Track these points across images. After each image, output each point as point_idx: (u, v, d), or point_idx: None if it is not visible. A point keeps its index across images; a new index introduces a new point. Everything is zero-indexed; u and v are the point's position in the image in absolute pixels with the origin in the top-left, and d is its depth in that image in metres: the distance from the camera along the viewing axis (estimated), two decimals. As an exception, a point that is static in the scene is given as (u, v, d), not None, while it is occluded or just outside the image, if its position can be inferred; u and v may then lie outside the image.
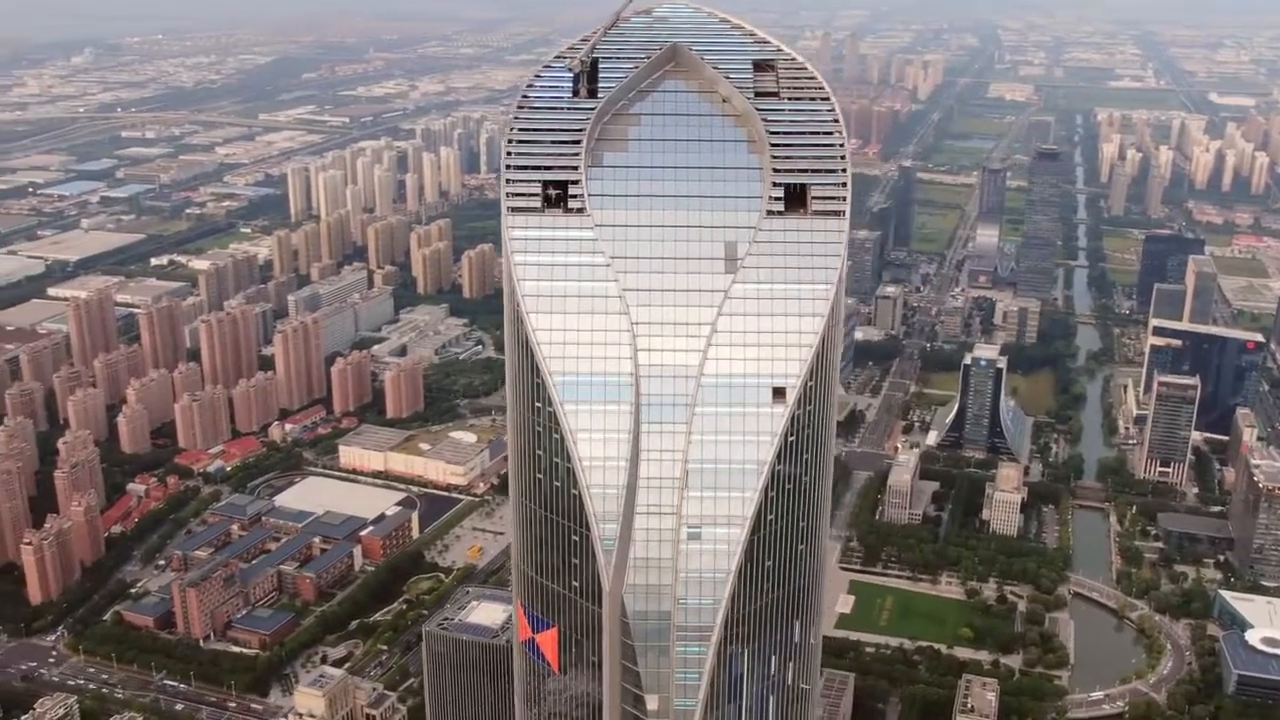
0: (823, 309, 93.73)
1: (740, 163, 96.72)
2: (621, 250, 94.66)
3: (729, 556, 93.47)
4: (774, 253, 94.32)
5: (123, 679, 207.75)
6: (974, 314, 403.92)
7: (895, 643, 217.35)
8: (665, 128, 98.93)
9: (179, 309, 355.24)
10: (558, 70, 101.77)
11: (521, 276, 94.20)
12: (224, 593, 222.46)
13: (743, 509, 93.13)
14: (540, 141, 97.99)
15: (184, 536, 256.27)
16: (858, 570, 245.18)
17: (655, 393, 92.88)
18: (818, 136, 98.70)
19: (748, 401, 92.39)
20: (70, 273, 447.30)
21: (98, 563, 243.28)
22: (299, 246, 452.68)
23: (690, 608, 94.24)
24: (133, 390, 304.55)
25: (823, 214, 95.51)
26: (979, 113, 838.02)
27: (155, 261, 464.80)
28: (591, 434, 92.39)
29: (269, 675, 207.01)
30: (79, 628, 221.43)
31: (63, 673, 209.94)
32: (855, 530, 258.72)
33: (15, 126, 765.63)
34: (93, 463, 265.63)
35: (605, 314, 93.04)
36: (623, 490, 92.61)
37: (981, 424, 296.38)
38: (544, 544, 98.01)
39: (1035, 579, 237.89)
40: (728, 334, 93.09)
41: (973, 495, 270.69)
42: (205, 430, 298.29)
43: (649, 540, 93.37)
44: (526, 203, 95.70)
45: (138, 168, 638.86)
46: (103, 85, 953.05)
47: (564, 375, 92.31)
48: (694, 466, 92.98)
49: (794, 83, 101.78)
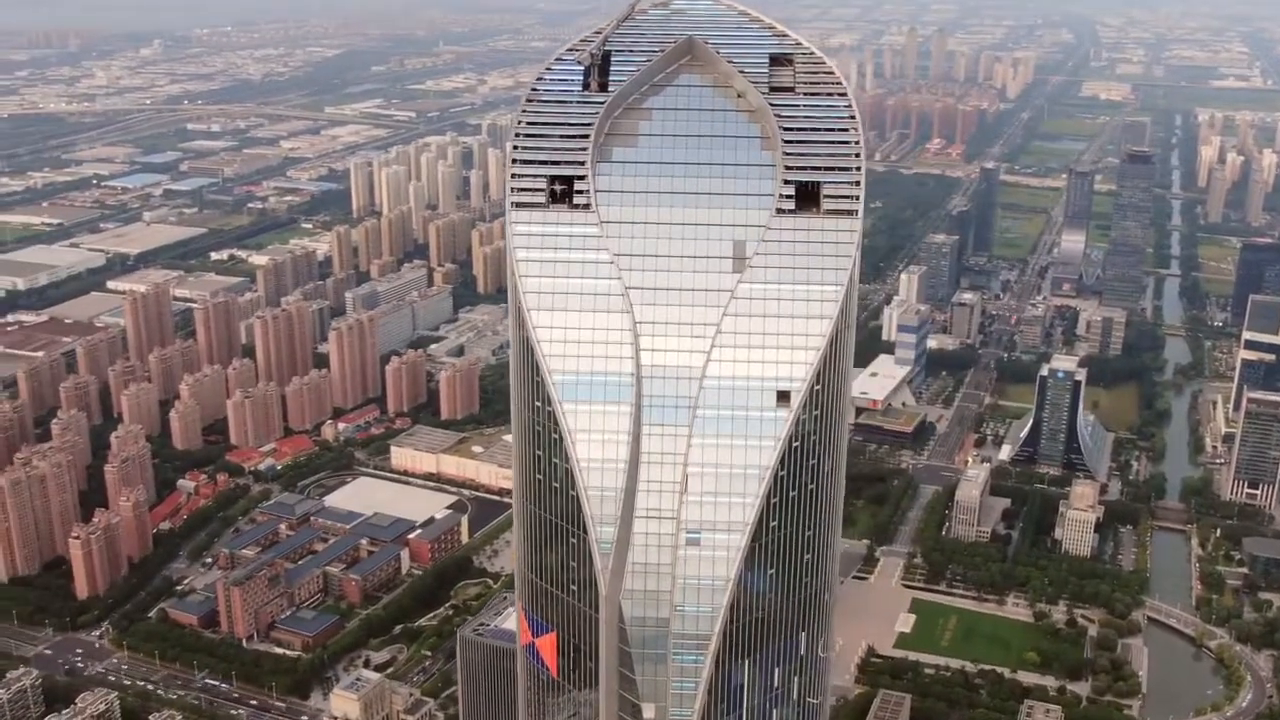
0: (831, 311, 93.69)
1: (753, 160, 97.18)
2: (627, 248, 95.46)
3: (728, 563, 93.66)
4: (783, 252, 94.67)
5: (165, 677, 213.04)
6: (1056, 323, 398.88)
7: (956, 665, 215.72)
8: (677, 123, 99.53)
9: (235, 305, 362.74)
10: (569, 64, 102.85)
11: (524, 273, 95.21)
12: (268, 593, 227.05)
13: (743, 515, 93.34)
14: (548, 136, 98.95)
15: (232, 535, 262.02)
16: (920, 588, 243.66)
17: (657, 394, 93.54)
18: (833, 133, 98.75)
19: (751, 405, 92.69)
20: (130, 266, 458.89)
21: (145, 559, 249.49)
22: (359, 243, 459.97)
23: (688, 615, 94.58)
24: (186, 386, 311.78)
25: (835, 213, 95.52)
26: (1071, 113, 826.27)
27: (215, 256, 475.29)
28: (590, 435, 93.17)
29: (311, 678, 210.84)
30: (124, 624, 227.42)
31: (106, 668, 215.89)
32: (920, 546, 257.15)
33: (83, 118, 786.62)
34: (143, 458, 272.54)
35: (607, 312, 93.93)
36: (621, 493, 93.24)
37: (1057, 439, 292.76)
38: (543, 546, 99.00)
39: (1108, 603, 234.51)
40: (732, 335, 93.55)
41: (1045, 513, 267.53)
42: (257, 428, 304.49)
43: (648, 545, 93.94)
44: (531, 198, 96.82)
45: (201, 161, 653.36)
46: (170, 77, 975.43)
47: (564, 374, 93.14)
48: (694, 470, 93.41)
49: (811, 78, 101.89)
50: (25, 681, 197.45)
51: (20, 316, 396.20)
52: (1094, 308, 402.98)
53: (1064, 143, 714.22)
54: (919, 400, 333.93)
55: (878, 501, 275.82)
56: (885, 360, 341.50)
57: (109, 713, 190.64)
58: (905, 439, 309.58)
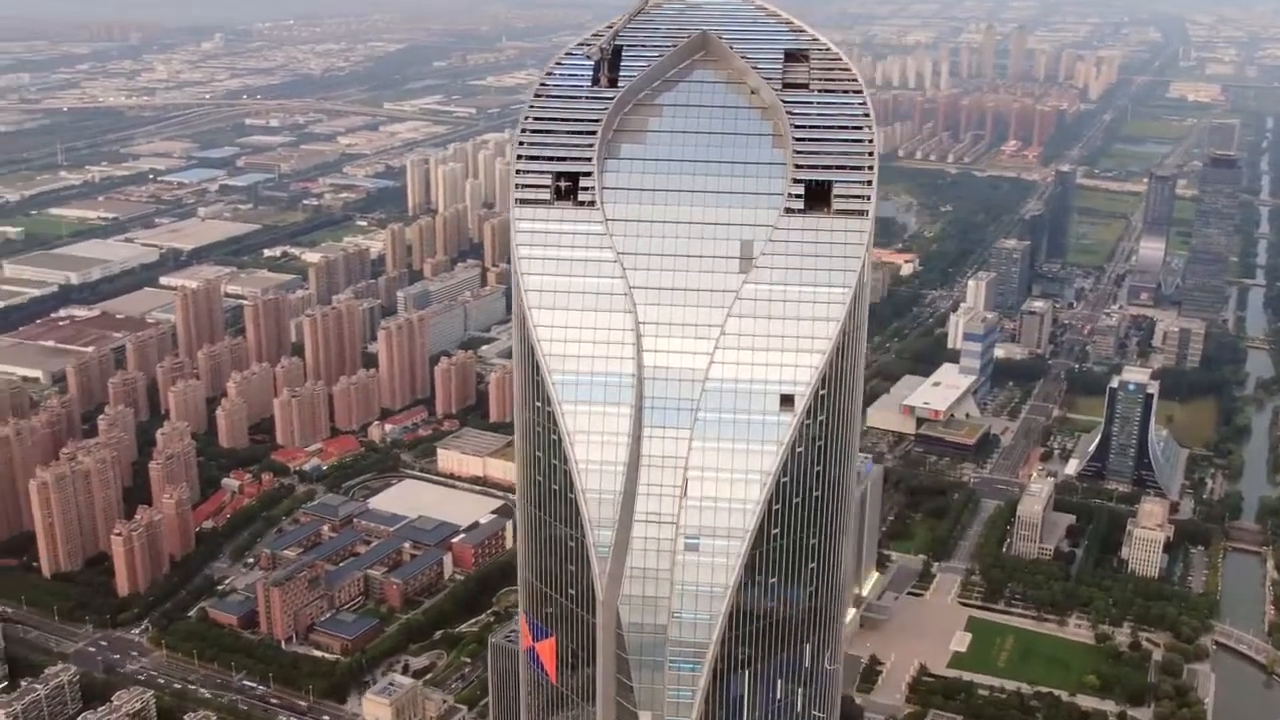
0: (838, 314, 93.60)
1: (763, 158, 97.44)
2: (632, 246, 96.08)
3: (728, 570, 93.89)
4: (790, 253, 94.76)
5: (203, 677, 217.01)
6: (1131, 334, 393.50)
7: (1013, 686, 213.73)
8: (688, 119, 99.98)
9: (285, 302, 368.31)
10: (579, 58, 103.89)
11: (526, 270, 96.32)
12: (308, 594, 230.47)
13: (744, 521, 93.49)
14: (554, 132, 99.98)
15: (274, 535, 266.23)
16: (977, 606, 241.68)
17: (659, 396, 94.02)
18: (846, 131, 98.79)
19: (753, 409, 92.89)
20: (183, 262, 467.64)
21: (187, 557, 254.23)
22: (413, 241, 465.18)
23: (685, 622, 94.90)
24: (233, 384, 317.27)
25: (845, 213, 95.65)
26: (1156, 114, 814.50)
27: (268, 253, 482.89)
28: (590, 437, 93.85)
29: (348, 681, 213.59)
30: (164, 622, 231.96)
31: (144, 667, 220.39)
32: (978, 563, 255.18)
33: (141, 113, 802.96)
34: (188, 455, 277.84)
35: (610, 312, 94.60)
36: (619, 496, 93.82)
37: (1127, 454, 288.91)
38: (543, 549, 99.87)
39: (1175, 626, 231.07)
40: (735, 336, 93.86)
41: (1112, 531, 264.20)
42: (304, 427, 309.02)
43: (646, 550, 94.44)
44: (536, 195, 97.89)
45: (258, 156, 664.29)
46: (230, 72, 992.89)
47: (563, 374, 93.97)
48: (694, 474, 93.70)
49: (826, 74, 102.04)
50: (63, 678, 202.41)
51: (72, 311, 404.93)
52: (1172, 318, 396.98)
53: (1147, 146, 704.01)
54: (983, 411, 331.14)
55: (936, 516, 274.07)
56: (949, 369, 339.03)
57: (144, 711, 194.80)
58: (967, 451, 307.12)
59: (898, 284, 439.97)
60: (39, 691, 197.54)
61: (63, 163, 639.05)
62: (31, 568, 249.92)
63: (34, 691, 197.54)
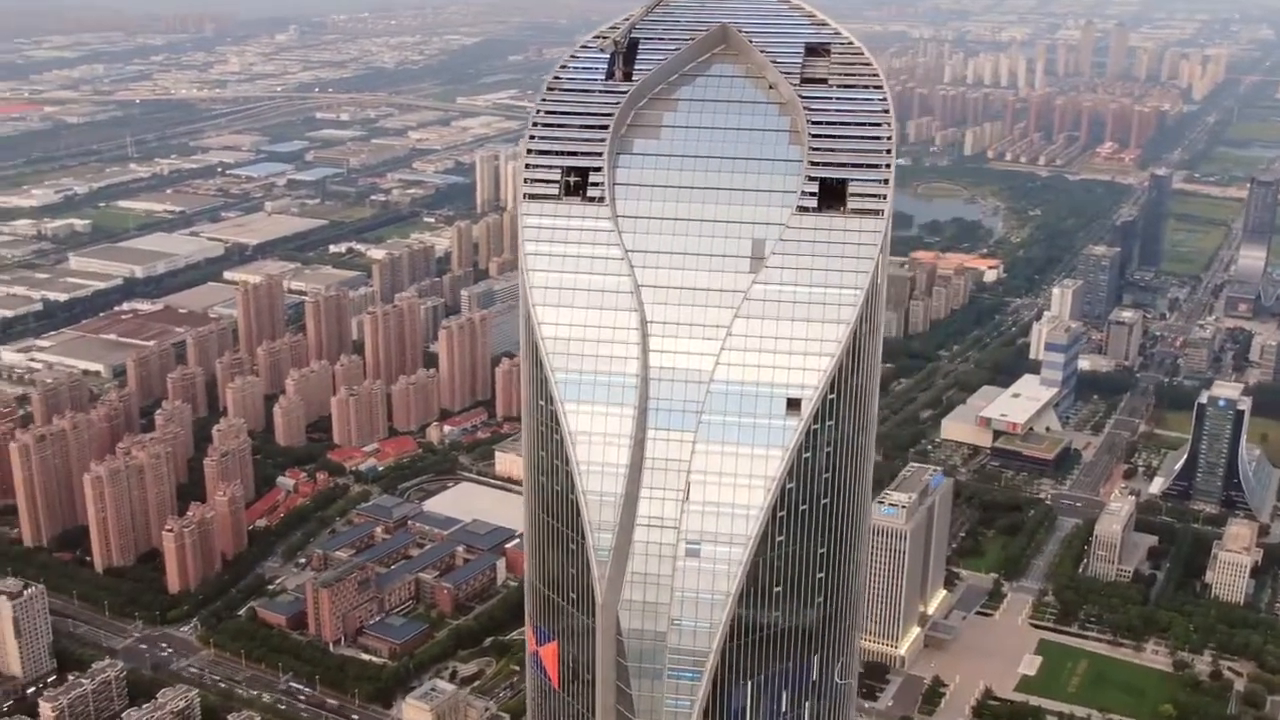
0: (848, 316, 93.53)
1: (780, 154, 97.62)
2: (641, 244, 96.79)
3: (729, 577, 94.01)
4: (801, 252, 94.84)
5: (249, 677, 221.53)
6: (1226, 347, 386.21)
7: (1082, 713, 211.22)
8: (703, 115, 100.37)
9: (346, 299, 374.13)
10: (594, 52, 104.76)
11: (531, 267, 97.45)
12: (358, 596, 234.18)
13: (746, 527, 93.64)
14: (566, 126, 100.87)
15: (327, 536, 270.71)
16: (1049, 628, 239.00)
17: (665, 397, 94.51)
18: (864, 128, 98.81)
19: (759, 412, 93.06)
20: (248, 257, 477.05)
21: (239, 556, 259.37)
22: (479, 239, 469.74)
23: (685, 629, 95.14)
24: (292, 381, 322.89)
25: (860, 212, 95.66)
26: (1264, 116, 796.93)
27: (334, 249, 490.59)
28: (591, 437, 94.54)
29: (395, 686, 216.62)
30: (213, 621, 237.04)
31: (191, 665, 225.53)
32: (1052, 583, 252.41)
33: (213, 105, 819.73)
34: (243, 453, 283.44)
35: (615, 310, 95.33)
36: (620, 499, 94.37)
37: (1215, 473, 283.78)
38: (546, 551, 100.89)
39: (1260, 655, 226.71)
40: (742, 337, 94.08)
41: (1196, 554, 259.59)
42: (361, 427, 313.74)
43: (648, 554, 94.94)
44: (545, 189, 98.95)
45: (328, 150, 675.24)
46: (303, 64, 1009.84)
47: (566, 373, 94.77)
48: (696, 478, 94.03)
49: (847, 69, 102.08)
50: (110, 673, 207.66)
51: (136, 304, 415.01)
52: (1271, 331, 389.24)
53: (1253, 149, 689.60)
54: (1065, 426, 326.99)
55: (1009, 533, 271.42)
56: (1029, 380, 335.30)
57: (189, 710, 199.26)
58: (1045, 467, 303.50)
59: (980, 291, 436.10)
60: (85, 686, 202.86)
61: (132, 155, 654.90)
62: (84, 562, 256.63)
63: (80, 686, 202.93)
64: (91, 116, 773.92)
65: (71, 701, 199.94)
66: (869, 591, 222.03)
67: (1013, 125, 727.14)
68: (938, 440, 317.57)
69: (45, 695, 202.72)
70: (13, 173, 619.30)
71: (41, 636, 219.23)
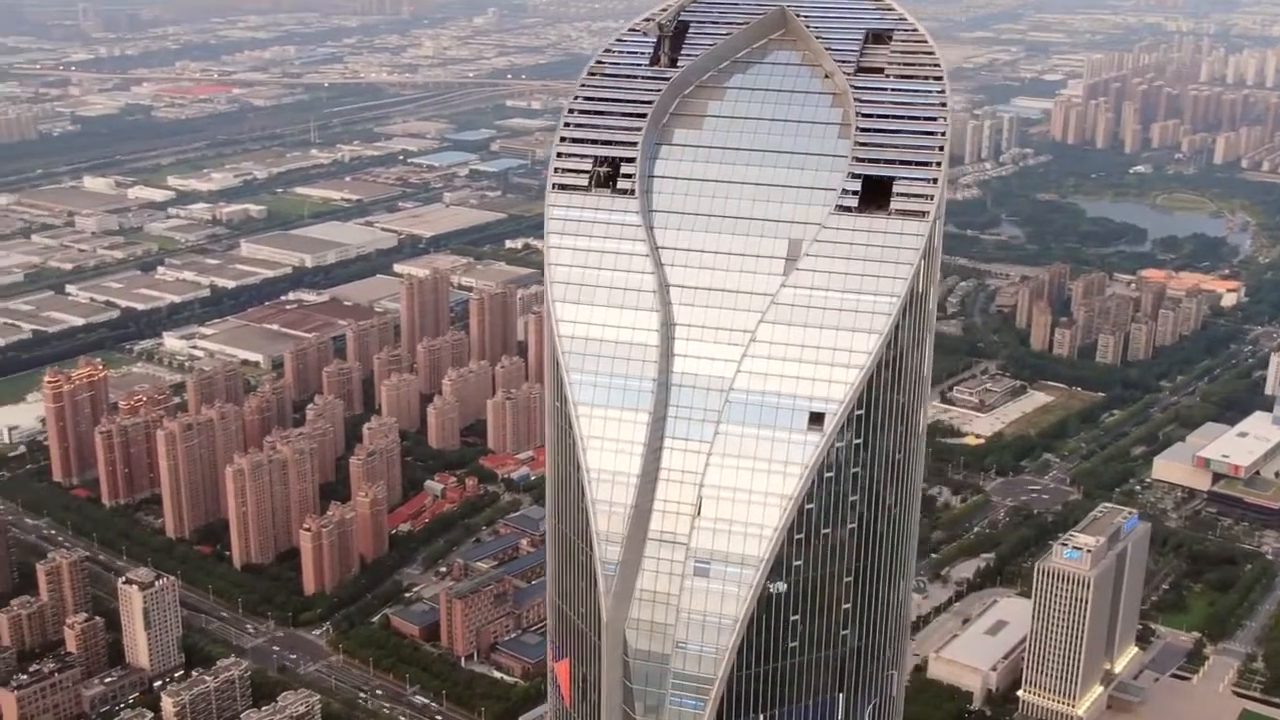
0: (881, 325, 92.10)
1: (827, 149, 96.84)
2: (671, 240, 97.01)
3: (738, 601, 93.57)
4: (836, 255, 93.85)
5: (376, 686, 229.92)
6: None
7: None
8: (750, 104, 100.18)
9: (513, 298, 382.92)
10: (641, 35, 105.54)
11: (554, 261, 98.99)
12: (493, 610, 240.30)
13: (759, 549, 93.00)
14: (603, 114, 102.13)
15: (471, 545, 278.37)
16: (1255, 699, 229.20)
17: (684, 405, 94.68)
18: (917, 122, 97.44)
19: (779, 425, 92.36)
20: (421, 249, 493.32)
21: (379, 560, 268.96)
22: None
23: (690, 654, 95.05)
24: (449, 381, 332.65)
25: (903, 214, 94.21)
26: None
27: (510, 244, 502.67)
28: (604, 443, 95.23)
29: (523, 707, 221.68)
30: (345, 625, 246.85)
31: (318, 670, 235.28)
32: (1264, 648, 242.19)
33: (402, 90, 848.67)
34: (392, 453, 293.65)
35: (636, 310, 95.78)
36: (630, 510, 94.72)
37: None
38: (561, 562, 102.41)
39: None
40: (766, 344, 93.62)
41: None
42: (517, 432, 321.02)
43: (659, 572, 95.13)
44: (574, 179, 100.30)
45: (514, 140, 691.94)
46: (499, 49, 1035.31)
47: (582, 374, 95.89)
48: (709, 492, 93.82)
49: (907, 58, 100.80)
50: (234, 672, 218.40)
51: (302, 295, 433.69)
52: None
53: None
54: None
55: (1219, 588, 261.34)
56: (1260, 419, 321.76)
57: (309, 715, 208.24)
58: (1271, 516, 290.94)
59: (1215, 316, 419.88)
60: (208, 684, 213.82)
61: (315, 140, 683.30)
62: (223, 557, 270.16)
63: (203, 683, 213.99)
64: (278, 99, 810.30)
65: (194, 698, 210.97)
66: (1040, 641, 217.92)
67: (1274, 132, 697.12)
68: (1147, 480, 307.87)
69: (168, 690, 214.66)
70: (194, 155, 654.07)
71: (171, 629, 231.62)
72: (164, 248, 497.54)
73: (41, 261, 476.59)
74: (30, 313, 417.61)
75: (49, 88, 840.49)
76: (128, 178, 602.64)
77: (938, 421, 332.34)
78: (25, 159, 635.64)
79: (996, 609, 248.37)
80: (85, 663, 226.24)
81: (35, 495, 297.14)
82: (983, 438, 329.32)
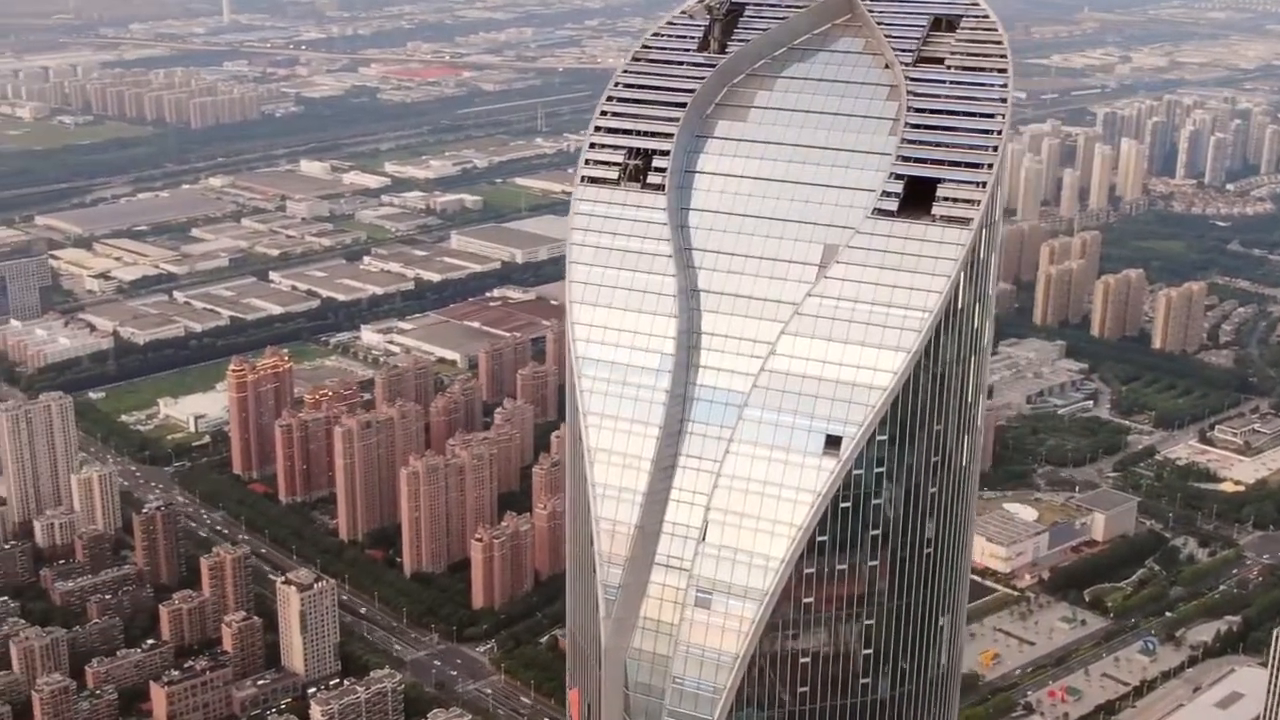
0: (910, 343, 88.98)
1: (876, 147, 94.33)
2: (701, 241, 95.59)
3: (739, 637, 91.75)
4: (868, 263, 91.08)
5: (533, 711, 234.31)
6: None
7: None
8: (802, 96, 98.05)
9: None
10: (691, 19, 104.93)
11: (575, 259, 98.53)
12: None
13: (764, 581, 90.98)
14: (642, 102, 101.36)
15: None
16: None
17: (699, 420, 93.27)
18: (972, 119, 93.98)
19: (792, 447, 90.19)
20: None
21: (554, 576, 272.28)
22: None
23: (686, 691, 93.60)
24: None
25: (946, 220, 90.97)
26: None
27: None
28: (611, 456, 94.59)
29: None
30: (510, 644, 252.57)
31: (478, 688, 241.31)
32: None
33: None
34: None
35: (654, 315, 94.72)
36: (634, 530, 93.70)
37: None
38: (570, 583, 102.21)
39: None
40: (785, 358, 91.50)
41: None
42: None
43: (663, 599, 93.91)
44: (604, 172, 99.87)
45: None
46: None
47: (594, 380, 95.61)
48: (715, 516, 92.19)
49: (972, 48, 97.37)
50: (387, 685, 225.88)
51: (507, 291, 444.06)
52: None
53: None
54: None
55: None
56: None
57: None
58: None
59: None
60: (359, 694, 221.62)
61: (541, 129, 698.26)
62: (394, 563, 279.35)
63: (354, 693, 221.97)
64: (508, 84, 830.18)
65: (343, 708, 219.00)
66: None
67: None
68: None
69: (317, 697, 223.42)
70: (415, 141, 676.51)
71: (328, 635, 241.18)
72: (372, 237, 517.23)
73: (249, 246, 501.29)
74: (231, 299, 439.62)
75: (276, 67, 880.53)
76: (344, 162, 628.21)
77: (1192, 464, 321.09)
78: (246, 140, 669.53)
79: (1232, 679, 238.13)
80: (240, 663, 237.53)
81: (213, 487, 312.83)
82: (1243, 485, 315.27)
